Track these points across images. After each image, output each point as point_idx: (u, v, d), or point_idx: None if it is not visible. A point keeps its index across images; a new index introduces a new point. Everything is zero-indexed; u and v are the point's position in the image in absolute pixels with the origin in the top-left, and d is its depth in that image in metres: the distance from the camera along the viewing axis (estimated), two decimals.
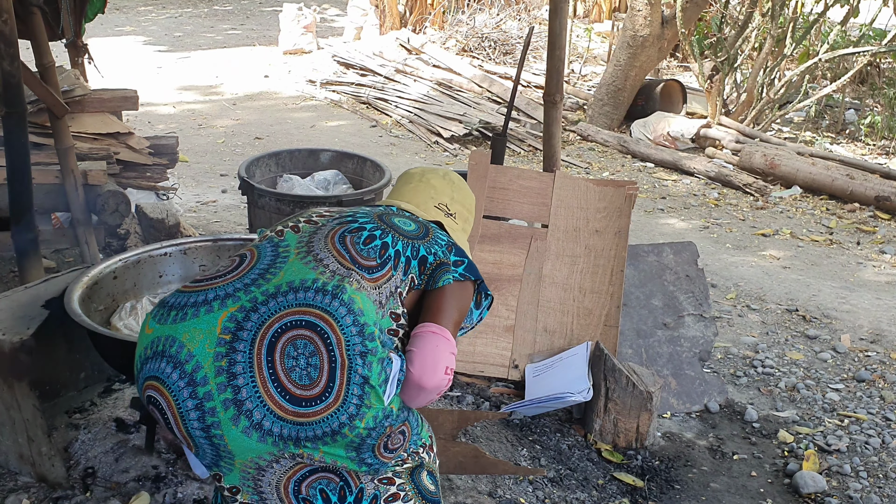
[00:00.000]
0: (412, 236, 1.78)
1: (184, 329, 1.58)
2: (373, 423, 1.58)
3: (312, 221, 1.83)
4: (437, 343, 1.63)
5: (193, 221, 5.11)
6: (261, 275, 1.65)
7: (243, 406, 1.52)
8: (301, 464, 1.61)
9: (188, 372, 1.55)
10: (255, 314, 1.56)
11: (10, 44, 3.14)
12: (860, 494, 2.84)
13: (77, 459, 2.53)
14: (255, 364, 1.53)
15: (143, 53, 10.62)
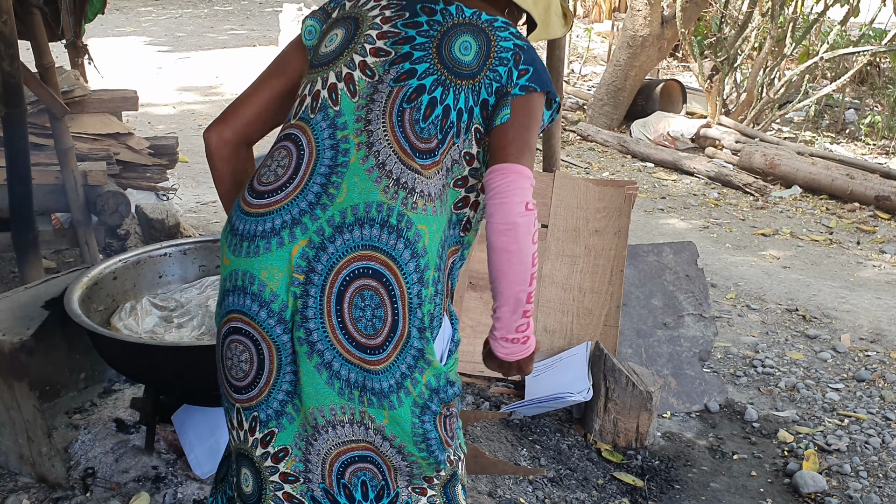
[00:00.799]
0: (471, 73, 1.58)
1: (260, 266, 1.57)
2: (434, 383, 1.58)
3: (368, 67, 1.61)
4: (509, 186, 1.52)
5: (193, 222, 5.12)
6: (323, 187, 1.57)
7: (315, 346, 1.55)
8: (354, 443, 1.59)
9: (275, 311, 1.56)
10: (324, 254, 1.54)
11: (9, 44, 3.14)
12: (860, 494, 2.84)
13: (77, 460, 2.53)
14: (324, 311, 1.54)
15: (144, 54, 10.62)
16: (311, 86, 1.65)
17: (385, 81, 1.59)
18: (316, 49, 1.68)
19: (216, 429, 2.49)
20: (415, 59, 1.59)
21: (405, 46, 1.59)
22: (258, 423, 1.61)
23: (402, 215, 1.54)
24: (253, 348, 1.59)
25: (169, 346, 2.31)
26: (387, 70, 1.59)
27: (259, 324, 1.57)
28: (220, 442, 2.47)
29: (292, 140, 1.64)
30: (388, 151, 1.56)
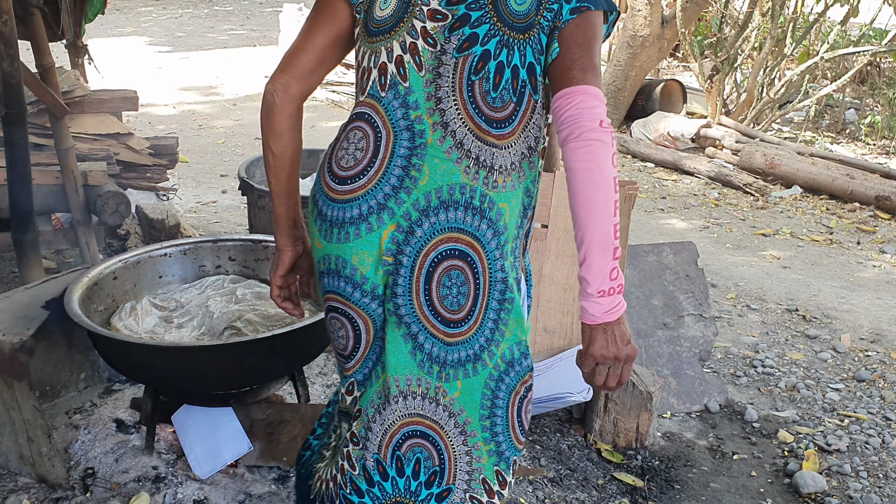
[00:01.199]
0: (529, 24, 1.52)
1: (351, 251, 1.61)
2: (509, 356, 1.63)
3: (429, 35, 1.56)
4: (578, 108, 1.46)
5: (193, 222, 5.12)
6: (405, 170, 1.57)
7: (403, 318, 1.60)
8: (421, 418, 1.63)
9: (368, 291, 1.62)
10: (413, 237, 1.58)
11: (10, 45, 3.14)
12: (860, 494, 2.84)
13: (77, 460, 2.53)
14: (413, 289, 1.59)
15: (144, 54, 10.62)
16: (376, 56, 1.61)
17: (448, 52, 1.55)
18: (369, 11, 1.61)
19: (216, 429, 2.49)
20: (473, 22, 1.53)
21: (461, 7, 1.54)
22: (356, 385, 1.71)
23: (485, 196, 1.57)
24: (349, 325, 1.67)
25: (169, 347, 2.31)
26: (447, 38, 1.55)
27: (354, 303, 1.64)
28: (220, 442, 2.48)
29: (366, 121, 1.62)
30: (464, 130, 1.55)
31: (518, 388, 1.65)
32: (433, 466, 1.64)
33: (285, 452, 2.53)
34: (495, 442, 1.65)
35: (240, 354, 2.29)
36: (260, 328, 2.54)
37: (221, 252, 2.87)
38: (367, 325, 1.65)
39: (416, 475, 1.64)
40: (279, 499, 2.41)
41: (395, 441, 1.64)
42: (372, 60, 1.61)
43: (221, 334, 2.56)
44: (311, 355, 2.59)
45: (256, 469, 2.51)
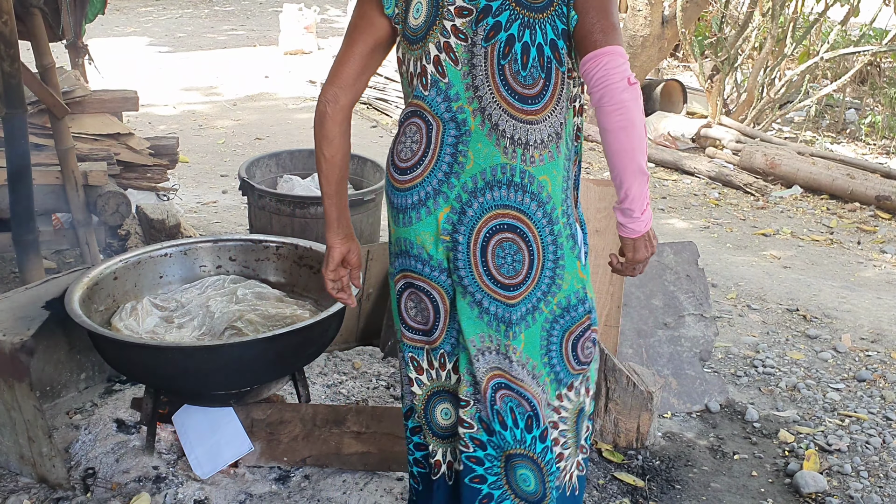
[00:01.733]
0: (545, 4, 1.65)
1: (415, 233, 1.81)
2: (565, 303, 1.81)
3: (459, 31, 1.69)
4: (605, 69, 1.59)
5: (194, 222, 5.12)
6: (453, 157, 1.75)
7: (467, 288, 1.79)
8: (499, 370, 1.81)
9: (435, 266, 1.81)
10: (465, 217, 1.76)
11: (10, 45, 3.15)
12: (861, 494, 2.84)
13: (78, 460, 2.53)
14: (471, 262, 1.77)
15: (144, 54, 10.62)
16: (416, 62, 1.77)
17: (478, 43, 1.69)
18: (405, 21, 1.77)
19: (217, 429, 2.49)
20: (494, 11, 1.66)
21: (481, 0, 1.67)
22: (447, 356, 1.88)
23: (524, 172, 1.72)
24: (426, 298, 1.85)
25: (169, 347, 2.32)
26: (475, 30, 1.68)
27: (426, 276, 1.83)
28: (220, 442, 2.48)
29: (419, 117, 1.79)
30: (500, 112, 1.70)
31: (573, 329, 1.83)
32: (526, 412, 1.83)
33: (286, 452, 2.53)
34: (554, 372, 1.84)
35: (240, 354, 2.29)
36: (260, 328, 2.54)
37: (222, 252, 2.87)
38: (441, 296, 1.83)
39: (516, 424, 1.83)
40: (279, 499, 2.41)
41: (489, 396, 1.82)
42: (415, 66, 1.77)
43: (222, 334, 2.56)
44: (311, 355, 2.59)
45: (257, 469, 2.51)
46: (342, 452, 2.53)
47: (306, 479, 2.50)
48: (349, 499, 2.41)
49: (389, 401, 3.02)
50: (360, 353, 3.38)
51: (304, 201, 3.74)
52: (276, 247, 2.86)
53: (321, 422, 2.57)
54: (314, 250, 2.79)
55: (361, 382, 3.11)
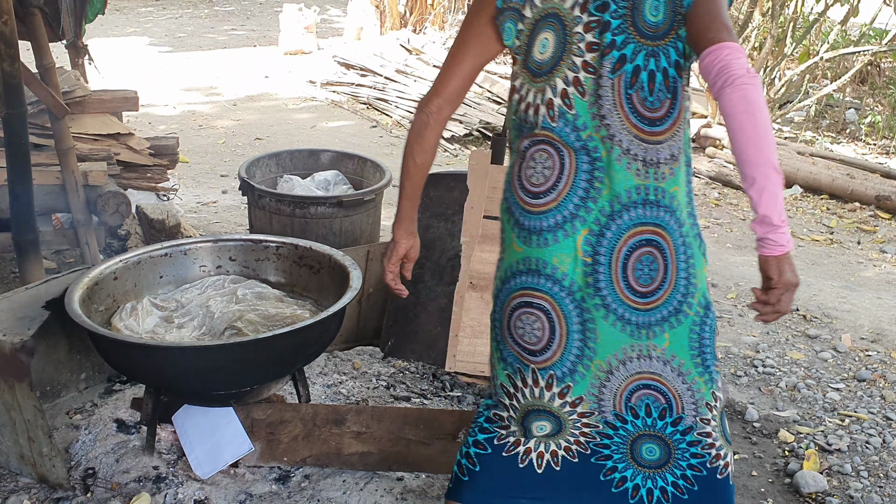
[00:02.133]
0: (667, 29, 1.72)
1: (551, 254, 1.86)
2: (704, 301, 1.88)
3: (588, 65, 1.76)
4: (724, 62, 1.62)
5: (194, 222, 5.12)
6: (589, 182, 1.82)
7: (609, 307, 1.84)
8: (641, 374, 1.88)
9: (566, 286, 1.86)
10: (604, 238, 1.83)
11: (10, 45, 3.14)
12: (861, 494, 2.84)
13: (78, 460, 2.53)
14: (613, 280, 1.84)
15: (144, 54, 10.62)
16: (541, 95, 1.83)
17: (604, 75, 1.76)
18: (528, 54, 1.82)
19: (217, 429, 2.49)
20: (619, 45, 1.74)
21: (608, 35, 1.74)
22: (555, 379, 1.90)
23: (657, 189, 1.80)
24: (544, 317, 1.88)
25: (169, 347, 2.32)
26: (602, 63, 1.76)
27: (552, 296, 1.87)
28: (220, 442, 2.48)
29: (550, 145, 1.85)
30: (630, 137, 1.77)
31: (716, 326, 1.94)
32: (661, 405, 1.91)
33: (286, 452, 2.53)
34: (708, 373, 1.90)
35: (240, 354, 2.29)
36: (261, 328, 2.54)
37: (222, 252, 2.87)
38: (559, 318, 1.87)
39: (649, 414, 1.92)
40: (280, 499, 2.41)
41: (625, 397, 1.91)
42: (539, 98, 1.83)
43: (222, 334, 2.56)
44: (311, 355, 2.59)
45: (257, 469, 2.51)
46: (342, 452, 2.53)
47: (306, 479, 2.50)
48: (349, 499, 2.41)
49: (389, 401, 3.02)
50: (360, 353, 3.38)
51: (303, 201, 3.73)
52: (276, 247, 2.86)
53: (321, 422, 2.57)
54: (314, 250, 2.79)
55: (361, 382, 3.11)
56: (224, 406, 2.52)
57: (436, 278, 3.44)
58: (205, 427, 2.50)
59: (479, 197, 3.40)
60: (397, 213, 2.05)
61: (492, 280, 3.40)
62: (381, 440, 2.55)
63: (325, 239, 3.63)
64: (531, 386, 1.92)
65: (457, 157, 7.10)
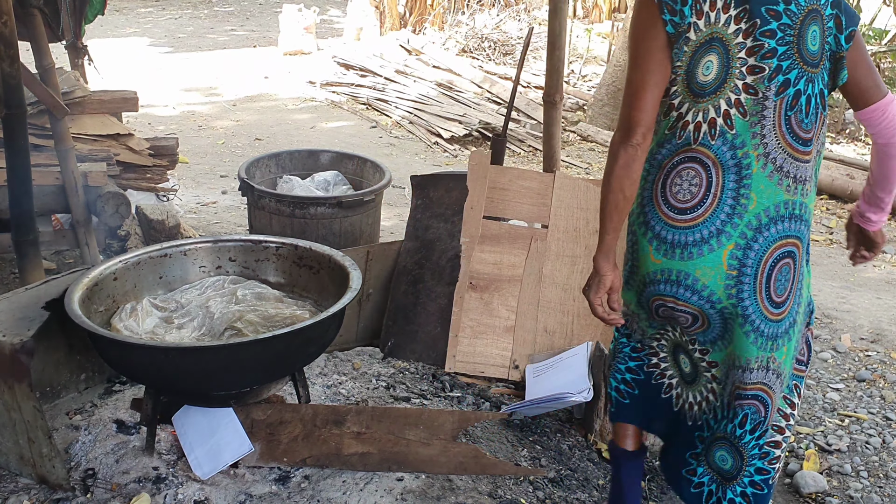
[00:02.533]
0: (819, 58, 1.91)
1: (695, 267, 1.96)
2: (807, 308, 2.11)
3: (750, 87, 1.89)
4: (892, 118, 1.97)
5: (194, 223, 5.12)
6: (735, 199, 1.93)
7: (748, 318, 1.97)
8: (754, 384, 2.02)
9: (705, 297, 1.97)
10: (751, 251, 1.94)
11: (10, 45, 3.14)
12: (861, 494, 2.84)
13: (78, 461, 2.53)
14: (756, 290, 1.96)
15: (144, 55, 10.63)
16: (703, 114, 1.92)
17: (769, 98, 1.89)
18: (690, 74, 1.91)
19: (216, 429, 2.49)
20: (785, 70, 1.88)
21: (773, 60, 1.87)
22: (698, 341, 2.09)
23: (802, 204, 1.95)
24: (690, 317, 2.03)
25: (169, 347, 2.32)
26: (767, 86, 1.88)
27: (692, 304, 2.00)
28: (220, 443, 2.48)
29: (698, 162, 1.94)
30: (784, 156, 1.91)
31: (804, 332, 2.12)
32: (759, 418, 2.04)
33: (286, 453, 2.53)
34: (792, 377, 2.10)
35: (240, 355, 2.29)
36: (260, 329, 2.54)
37: (221, 253, 2.87)
38: (703, 320, 2.03)
39: (742, 425, 2.05)
40: (279, 499, 2.41)
41: (735, 397, 2.03)
42: (699, 116, 1.92)
43: (222, 335, 2.56)
44: (311, 356, 2.59)
45: (257, 469, 2.51)
46: (342, 453, 2.53)
47: (306, 479, 2.50)
48: (349, 499, 2.41)
49: (389, 401, 3.02)
50: (359, 353, 3.38)
51: (303, 202, 3.74)
52: (276, 247, 2.86)
53: (321, 422, 2.57)
54: (314, 251, 2.79)
55: (361, 383, 3.11)
56: (224, 406, 2.52)
57: (435, 278, 3.44)
58: (205, 427, 2.50)
59: (479, 197, 3.40)
60: (603, 247, 2.05)
61: (491, 281, 3.42)
62: (381, 441, 2.55)
63: (325, 239, 3.64)
64: (678, 335, 2.13)
65: (456, 158, 7.10)
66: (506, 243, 3.39)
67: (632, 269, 2.10)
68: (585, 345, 3.12)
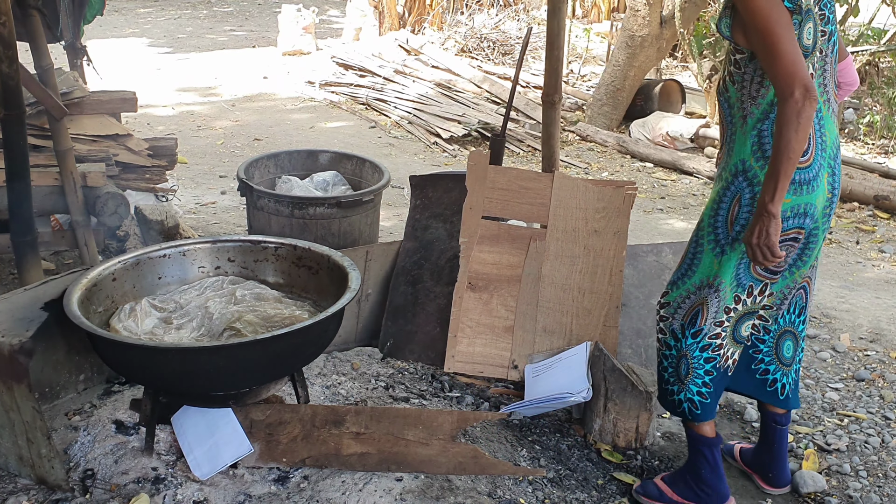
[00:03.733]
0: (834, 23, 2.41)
1: (815, 196, 2.34)
2: None
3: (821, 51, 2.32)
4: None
5: (193, 223, 5.12)
6: (820, 136, 2.34)
7: (826, 228, 2.46)
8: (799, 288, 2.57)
9: (816, 219, 2.38)
10: (836, 176, 2.41)
11: (8, 46, 3.14)
12: (860, 494, 2.84)
13: (77, 461, 2.53)
14: (835, 207, 2.46)
15: (142, 55, 10.63)
16: None
17: (828, 55, 2.34)
18: (799, 38, 2.23)
19: (215, 430, 2.49)
20: (831, 33, 2.33)
21: (830, 26, 2.32)
22: (768, 286, 2.48)
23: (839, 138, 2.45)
24: (795, 249, 2.42)
25: (168, 348, 2.31)
26: (829, 46, 2.34)
27: (805, 230, 2.37)
28: (219, 443, 2.48)
29: None
30: (834, 100, 2.40)
31: None
32: (802, 304, 2.59)
33: (285, 453, 2.53)
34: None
35: (239, 356, 2.29)
36: (259, 329, 2.54)
37: (220, 253, 2.87)
38: (805, 241, 2.42)
39: (791, 311, 2.59)
40: (279, 499, 2.41)
41: (790, 294, 2.55)
42: None
43: (221, 335, 2.56)
44: (310, 356, 2.59)
45: (256, 470, 2.51)
46: (341, 453, 2.54)
47: (305, 479, 2.50)
48: (348, 499, 2.41)
49: (388, 401, 3.02)
50: (358, 353, 3.38)
51: (302, 202, 3.73)
52: (275, 247, 2.86)
53: (320, 422, 2.57)
54: (313, 251, 2.79)
55: (360, 383, 3.11)
56: (223, 407, 2.52)
57: (434, 279, 3.44)
58: (204, 428, 2.50)
59: (478, 197, 3.40)
60: (781, 193, 2.19)
61: (490, 281, 3.42)
62: (380, 441, 2.55)
63: (324, 240, 3.64)
64: (755, 296, 2.47)
65: (455, 158, 7.10)
66: (505, 243, 3.39)
67: (740, 220, 2.36)
68: (584, 345, 3.12)
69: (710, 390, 2.56)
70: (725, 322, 2.50)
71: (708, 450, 2.60)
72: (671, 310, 2.55)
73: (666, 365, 2.59)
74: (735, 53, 2.33)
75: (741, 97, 2.34)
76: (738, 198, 2.34)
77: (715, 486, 2.60)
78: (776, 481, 2.82)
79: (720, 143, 2.51)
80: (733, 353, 2.57)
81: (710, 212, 2.43)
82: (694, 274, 2.48)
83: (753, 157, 2.32)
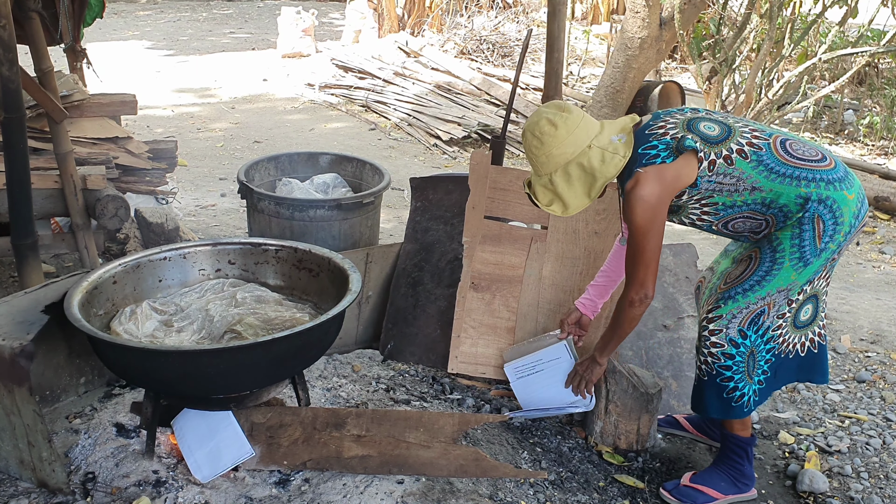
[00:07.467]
0: None
1: (859, 185, 2.56)
2: None
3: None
4: None
5: (193, 225, 5.12)
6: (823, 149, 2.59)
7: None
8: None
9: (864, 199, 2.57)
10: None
11: (8, 49, 3.14)
12: (861, 495, 2.84)
13: (77, 464, 2.53)
14: None
15: (142, 57, 10.63)
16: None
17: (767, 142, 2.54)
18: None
19: (216, 433, 2.49)
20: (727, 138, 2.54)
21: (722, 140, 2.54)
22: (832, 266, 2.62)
23: None
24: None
25: (169, 351, 2.31)
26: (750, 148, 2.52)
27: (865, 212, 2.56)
28: (220, 446, 2.47)
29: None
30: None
31: None
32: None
33: (286, 456, 2.52)
34: None
35: (240, 358, 2.29)
36: (260, 332, 2.54)
37: (221, 256, 2.87)
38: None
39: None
40: (279, 502, 2.41)
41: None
42: None
43: (221, 338, 2.56)
44: (311, 359, 2.59)
45: (257, 473, 2.51)
46: (342, 456, 2.53)
47: (306, 482, 2.50)
48: (349, 502, 2.41)
49: (389, 404, 3.01)
50: (359, 356, 3.38)
51: (302, 204, 3.73)
52: (276, 250, 2.86)
53: (321, 425, 2.57)
54: (313, 253, 2.79)
55: (361, 385, 3.11)
56: (224, 410, 2.51)
57: (435, 281, 3.44)
58: (204, 431, 2.50)
59: (481, 197, 3.40)
60: (609, 351, 2.77)
61: (492, 281, 3.42)
62: (381, 443, 2.55)
63: (325, 242, 3.63)
64: (824, 280, 2.60)
65: (455, 160, 7.10)
66: (506, 244, 3.38)
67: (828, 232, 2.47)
68: (562, 344, 3.00)
69: (769, 376, 2.66)
70: (787, 313, 2.59)
71: (750, 448, 2.76)
72: (724, 322, 2.57)
73: (730, 375, 2.60)
74: (689, 206, 2.55)
75: (730, 193, 2.49)
76: (818, 217, 2.45)
77: (751, 475, 2.79)
78: None
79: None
80: (793, 338, 2.64)
81: (789, 234, 2.50)
82: (763, 288, 2.53)
83: (798, 185, 2.47)
